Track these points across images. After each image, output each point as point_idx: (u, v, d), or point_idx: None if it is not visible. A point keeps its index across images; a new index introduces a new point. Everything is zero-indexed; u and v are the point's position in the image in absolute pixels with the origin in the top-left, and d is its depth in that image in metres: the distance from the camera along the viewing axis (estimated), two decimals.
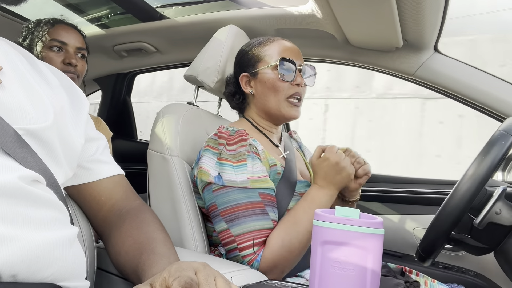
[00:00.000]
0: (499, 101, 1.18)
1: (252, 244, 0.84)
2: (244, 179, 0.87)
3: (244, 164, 0.89)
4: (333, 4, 1.07)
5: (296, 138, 1.24)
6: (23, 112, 0.52)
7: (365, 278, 0.49)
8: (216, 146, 0.93)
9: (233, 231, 0.85)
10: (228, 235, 0.86)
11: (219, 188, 0.88)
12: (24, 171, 0.50)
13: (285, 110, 0.99)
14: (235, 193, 0.87)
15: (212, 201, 0.89)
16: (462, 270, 1.27)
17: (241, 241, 0.85)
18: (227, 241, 0.87)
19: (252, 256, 0.84)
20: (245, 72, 1.04)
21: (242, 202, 0.86)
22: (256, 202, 0.87)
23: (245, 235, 0.85)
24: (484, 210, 0.75)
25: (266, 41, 1.03)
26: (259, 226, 0.85)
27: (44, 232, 0.50)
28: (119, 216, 0.69)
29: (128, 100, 2.24)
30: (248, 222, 0.85)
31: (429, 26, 1.12)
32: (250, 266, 0.83)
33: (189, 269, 0.47)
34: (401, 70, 1.31)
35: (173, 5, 1.55)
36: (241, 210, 0.85)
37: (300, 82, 0.99)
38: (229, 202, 0.86)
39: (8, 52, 0.58)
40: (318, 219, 0.52)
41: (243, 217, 0.85)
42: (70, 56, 1.27)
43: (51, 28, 1.27)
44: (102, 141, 0.72)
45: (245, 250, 0.84)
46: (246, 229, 0.85)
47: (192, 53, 1.36)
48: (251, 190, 0.87)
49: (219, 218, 0.88)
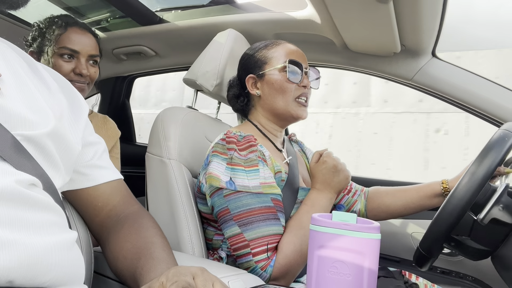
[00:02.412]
0: (497, 106, 1.18)
1: (266, 249, 0.83)
2: (257, 184, 0.87)
3: (256, 169, 0.89)
4: (331, 10, 1.08)
5: (296, 140, 1.24)
6: (22, 118, 0.53)
7: (362, 283, 0.49)
8: (225, 151, 0.91)
9: (246, 235, 0.84)
10: (241, 239, 0.85)
11: (231, 193, 0.87)
12: (21, 175, 0.50)
13: (293, 110, 1.00)
14: (248, 198, 0.86)
15: (223, 206, 0.87)
16: (460, 275, 1.27)
17: (255, 246, 0.83)
18: (239, 246, 0.85)
19: (266, 262, 0.83)
20: (251, 73, 1.04)
21: (256, 207, 0.85)
22: (269, 207, 0.86)
23: (259, 240, 0.84)
24: (488, 205, 0.75)
25: (272, 44, 1.04)
26: (273, 231, 0.85)
27: (42, 237, 0.50)
28: (117, 221, 0.69)
29: (127, 103, 2.24)
30: (263, 227, 0.84)
31: (426, 31, 1.13)
32: (263, 271, 0.82)
33: (187, 274, 0.47)
34: (399, 75, 1.32)
35: (173, 9, 1.55)
36: (256, 214, 0.85)
37: (307, 84, 1.01)
38: (242, 206, 0.85)
39: (8, 56, 0.59)
40: (314, 223, 0.52)
41: (257, 221, 0.84)
42: (81, 67, 1.19)
43: (64, 33, 1.19)
44: (101, 146, 0.72)
45: (259, 255, 0.83)
46: (260, 233, 0.84)
47: (191, 57, 1.36)
48: (264, 195, 0.87)
49: (232, 222, 0.86)
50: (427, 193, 1.07)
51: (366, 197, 1.17)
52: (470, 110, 1.24)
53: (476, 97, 1.20)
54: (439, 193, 1.05)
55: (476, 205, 0.78)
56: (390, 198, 1.13)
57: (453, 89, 1.23)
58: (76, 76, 1.20)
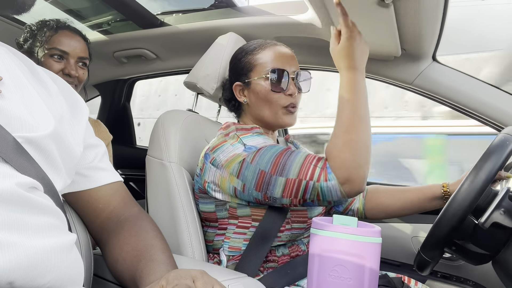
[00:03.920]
0: (497, 110, 1.18)
1: (314, 166, 0.81)
2: (271, 142, 0.92)
3: (264, 136, 0.95)
4: (332, 14, 1.08)
5: (292, 141, 1.24)
6: (22, 121, 0.53)
7: (363, 287, 0.49)
8: (226, 137, 0.95)
9: (291, 175, 0.82)
10: (292, 182, 0.82)
11: (254, 156, 0.87)
12: (22, 178, 0.50)
13: (281, 118, 0.99)
14: (268, 151, 0.87)
15: (257, 170, 0.85)
16: (461, 279, 1.27)
17: (305, 172, 0.81)
18: (296, 188, 0.82)
19: (323, 173, 0.80)
20: (238, 81, 1.03)
21: (277, 153, 0.86)
22: (284, 149, 0.88)
23: (302, 168, 0.82)
24: (490, 209, 0.75)
25: (259, 48, 1.02)
26: (301, 157, 0.84)
27: (42, 239, 0.49)
28: (117, 223, 0.68)
29: (128, 106, 2.24)
30: (294, 160, 0.84)
31: (427, 36, 1.13)
32: (328, 182, 0.79)
33: (187, 277, 0.47)
34: (400, 79, 1.32)
35: (174, 12, 1.56)
36: (281, 157, 0.85)
37: (293, 92, 0.98)
38: (269, 160, 0.85)
39: (8, 59, 0.59)
40: (315, 227, 0.52)
41: (287, 160, 0.84)
42: (70, 67, 1.24)
43: (54, 35, 1.24)
44: (101, 148, 0.72)
45: (314, 174, 0.80)
46: (298, 164, 0.83)
47: (192, 60, 1.36)
48: (276, 146, 0.90)
49: (274, 177, 0.84)
50: (427, 195, 1.07)
51: (365, 196, 1.16)
52: (471, 114, 1.24)
53: (476, 101, 1.20)
54: (439, 195, 1.05)
55: (477, 209, 0.78)
56: (389, 198, 1.12)
57: (453, 93, 1.23)
58: (65, 76, 1.24)
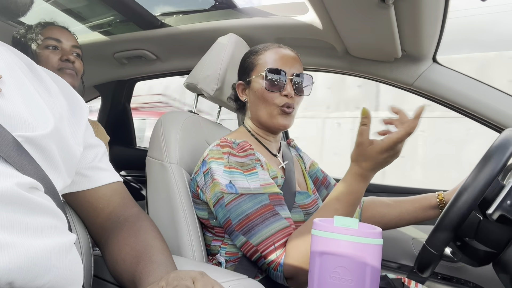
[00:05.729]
0: (497, 112, 1.18)
1: (274, 249, 0.82)
2: (258, 186, 0.86)
3: (255, 172, 0.89)
4: (332, 15, 1.08)
5: (294, 146, 1.24)
6: (22, 120, 0.52)
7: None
8: (221, 156, 0.91)
9: (252, 241, 0.84)
10: (249, 247, 0.84)
11: (231, 201, 0.86)
12: (23, 178, 0.50)
13: (275, 119, 0.98)
14: (246, 202, 0.85)
15: (226, 216, 0.87)
16: (461, 281, 1.26)
17: (263, 249, 0.83)
18: (251, 253, 0.85)
19: (276, 261, 0.81)
20: (240, 80, 1.05)
21: (252, 211, 0.84)
22: (265, 206, 0.85)
23: (265, 242, 0.83)
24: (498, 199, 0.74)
25: (262, 49, 1.03)
26: (274, 229, 0.83)
27: (41, 239, 0.49)
28: (117, 224, 0.68)
29: (128, 107, 2.24)
30: (263, 229, 0.83)
31: (427, 37, 1.13)
32: (276, 271, 0.81)
33: (186, 278, 0.47)
34: (400, 80, 1.32)
35: (174, 13, 1.56)
36: (253, 218, 0.84)
37: (289, 93, 0.97)
38: (241, 214, 0.85)
39: (8, 59, 0.59)
40: (316, 228, 0.52)
41: (257, 225, 0.83)
42: (67, 53, 1.29)
43: (44, 29, 1.30)
44: (101, 148, 0.72)
45: (269, 257, 0.82)
46: (263, 236, 0.83)
47: (192, 61, 1.36)
48: (262, 194, 0.86)
49: (236, 233, 0.86)
50: (422, 205, 1.06)
51: (361, 207, 1.16)
52: (471, 115, 1.24)
53: (477, 102, 1.20)
54: (434, 205, 1.04)
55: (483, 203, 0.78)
56: (385, 208, 1.11)
57: (454, 94, 1.23)
58: (64, 62, 1.28)
